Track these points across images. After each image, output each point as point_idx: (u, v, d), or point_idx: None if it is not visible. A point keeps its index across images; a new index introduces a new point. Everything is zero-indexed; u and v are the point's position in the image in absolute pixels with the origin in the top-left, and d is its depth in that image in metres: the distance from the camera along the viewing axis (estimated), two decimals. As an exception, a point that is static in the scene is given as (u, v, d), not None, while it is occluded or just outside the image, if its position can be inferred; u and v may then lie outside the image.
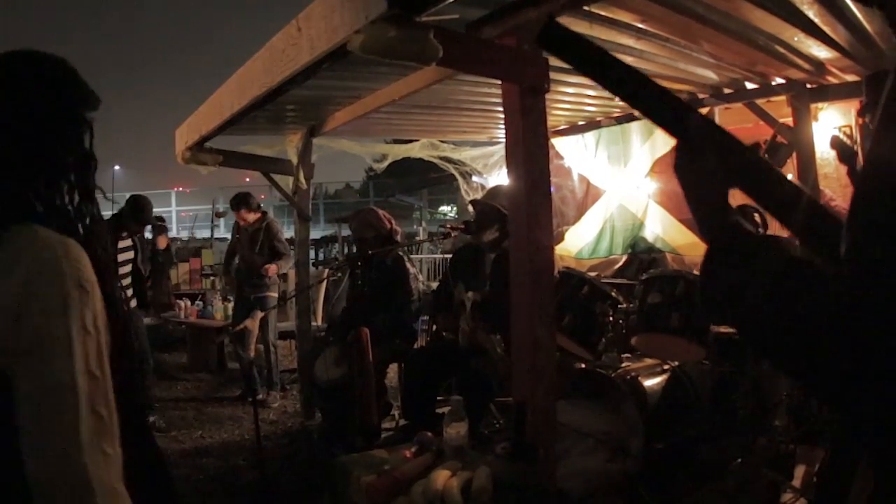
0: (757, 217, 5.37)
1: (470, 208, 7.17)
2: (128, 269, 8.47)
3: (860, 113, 5.66)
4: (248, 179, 32.65)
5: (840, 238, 1.32)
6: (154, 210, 9.27)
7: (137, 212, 8.38)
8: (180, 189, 41.46)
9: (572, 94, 7.40)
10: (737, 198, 1.47)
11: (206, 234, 26.28)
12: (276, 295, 9.97)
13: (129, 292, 8.34)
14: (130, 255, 8.51)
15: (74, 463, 1.58)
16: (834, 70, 6.47)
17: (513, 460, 3.96)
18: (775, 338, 1.26)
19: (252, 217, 9.87)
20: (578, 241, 10.30)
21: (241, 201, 9.83)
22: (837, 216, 1.46)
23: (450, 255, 9.33)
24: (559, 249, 10.13)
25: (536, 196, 4.31)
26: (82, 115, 2.00)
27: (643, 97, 1.55)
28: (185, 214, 38.07)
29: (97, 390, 1.67)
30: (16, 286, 1.62)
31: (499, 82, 4.68)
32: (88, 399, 1.63)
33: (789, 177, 1.62)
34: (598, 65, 1.58)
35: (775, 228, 1.62)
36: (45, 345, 1.62)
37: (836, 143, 5.50)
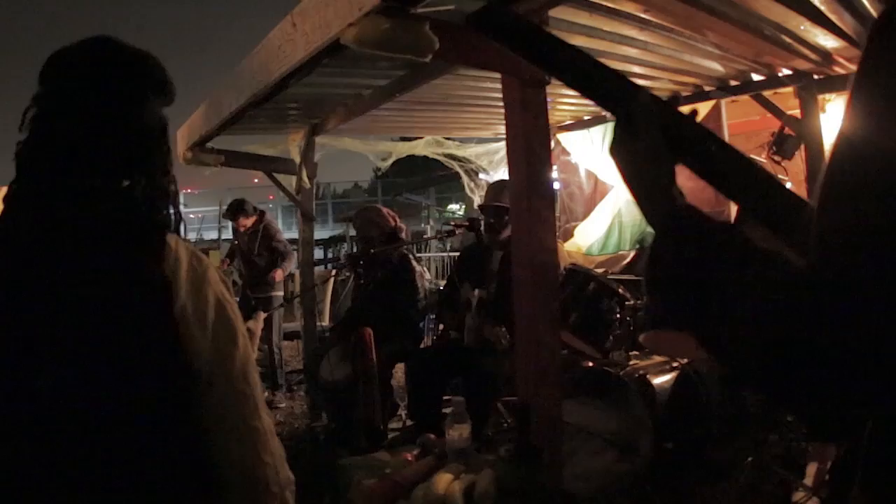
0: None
1: (476, 206, 7.13)
2: None
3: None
4: (256, 180, 32.73)
5: (800, 220, 1.23)
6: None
7: None
8: (188, 190, 41.58)
9: (576, 88, 7.33)
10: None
11: (213, 235, 26.35)
12: (280, 294, 9.96)
13: None
14: None
15: (262, 462, 1.86)
16: (841, 60, 6.40)
17: (517, 463, 3.89)
18: (733, 339, 1.13)
19: (250, 222, 9.88)
20: (587, 238, 10.27)
21: (237, 210, 9.94)
22: (797, 195, 1.38)
23: (457, 253, 9.30)
24: (568, 245, 10.14)
25: (538, 190, 4.24)
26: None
27: (584, 78, 1.48)
28: (192, 216, 38.18)
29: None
30: (198, 294, 1.79)
31: (499, 76, 4.61)
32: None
33: (789, 185, 1.54)
34: (534, 47, 1.54)
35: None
36: (235, 350, 1.84)
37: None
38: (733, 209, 1.47)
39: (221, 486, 1.82)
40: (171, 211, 1.95)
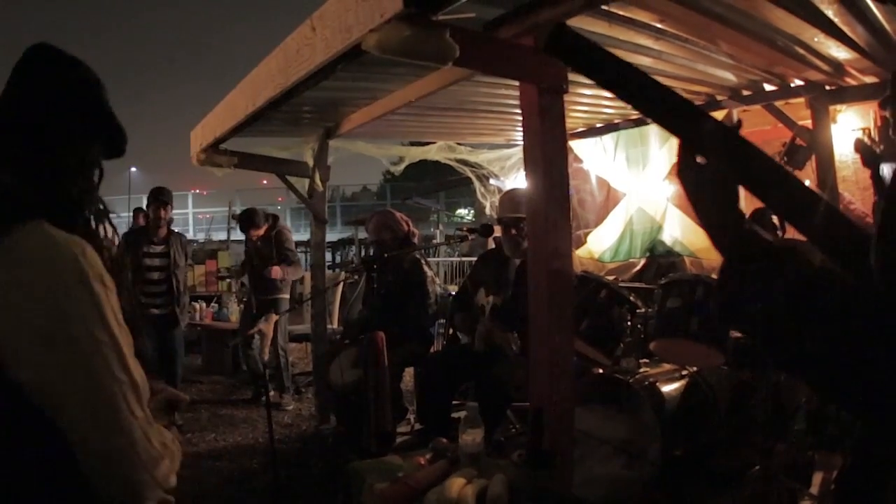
0: (774, 219, 5.32)
1: (488, 211, 7.14)
2: (156, 276, 8.55)
3: (881, 105, 5.60)
4: (265, 182, 32.84)
5: (860, 246, 1.27)
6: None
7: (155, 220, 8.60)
8: (197, 191, 41.63)
9: (590, 96, 7.35)
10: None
11: (222, 236, 26.38)
12: (287, 296, 9.97)
13: (159, 300, 8.58)
14: (158, 262, 8.60)
15: (132, 462, 1.72)
16: (853, 71, 6.41)
17: (529, 467, 3.91)
18: (796, 349, 1.22)
19: (262, 231, 9.91)
20: (600, 245, 10.31)
21: (248, 222, 9.95)
22: (856, 223, 1.41)
23: (467, 258, 9.32)
24: (581, 252, 10.17)
25: (555, 199, 4.26)
26: (98, 121, 2.03)
27: (656, 105, 1.51)
28: (201, 217, 38.19)
29: (133, 389, 1.76)
30: (40, 299, 1.64)
31: (516, 83, 4.65)
32: (132, 397, 1.75)
33: (807, 182, 1.56)
34: (609, 72, 1.54)
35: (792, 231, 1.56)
36: (92, 355, 1.69)
37: (859, 147, 5.43)
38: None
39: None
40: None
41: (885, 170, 5.73)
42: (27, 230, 1.68)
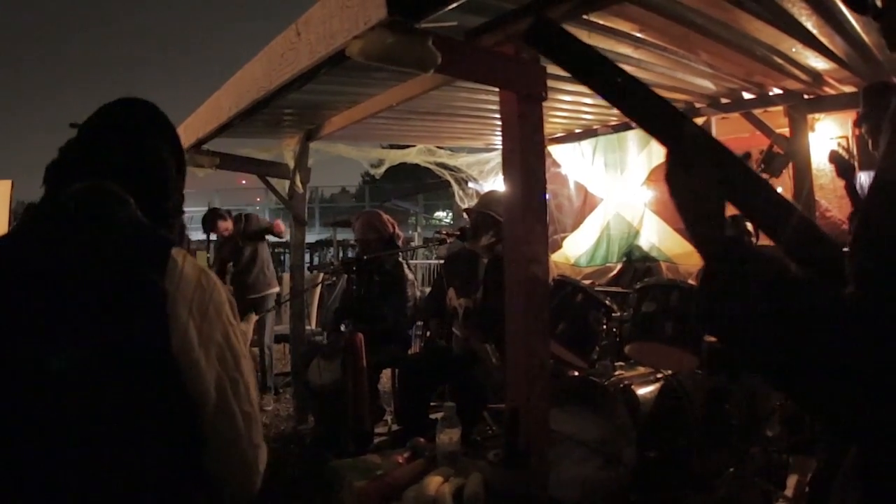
0: (749, 226, 5.38)
1: (465, 216, 7.18)
2: None
3: (856, 123, 5.67)
4: (243, 182, 32.71)
5: (832, 256, 1.33)
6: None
7: None
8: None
9: (569, 102, 7.40)
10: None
11: (201, 236, 26.23)
12: (275, 292, 9.98)
13: None
14: None
15: (258, 477, 2.10)
16: (831, 81, 6.48)
17: (505, 467, 3.96)
18: (773, 355, 1.25)
19: (229, 224, 9.96)
20: (576, 249, 10.35)
21: (213, 218, 10.01)
22: (828, 235, 1.46)
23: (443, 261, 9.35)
24: (557, 257, 10.20)
25: (532, 204, 4.31)
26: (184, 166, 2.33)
27: (637, 105, 1.53)
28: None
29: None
30: (204, 315, 1.90)
31: (496, 89, 4.68)
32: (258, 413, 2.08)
33: (779, 189, 1.60)
34: (591, 69, 1.56)
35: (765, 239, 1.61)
36: (239, 374, 1.99)
37: (834, 158, 5.51)
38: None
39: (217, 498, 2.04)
40: (177, 229, 2.21)
41: (864, 178, 5.80)
42: (181, 254, 1.93)
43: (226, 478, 2.02)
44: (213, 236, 10.26)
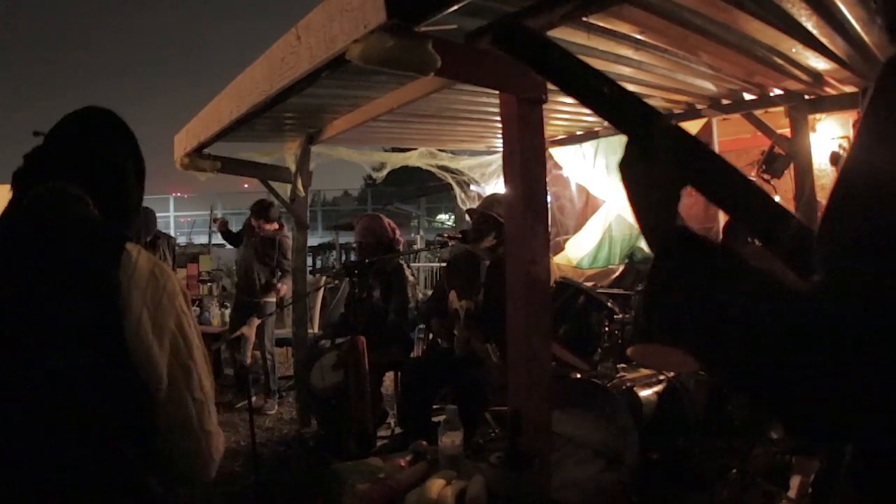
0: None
1: (467, 217, 7.18)
2: None
3: (857, 125, 5.66)
4: (246, 186, 32.60)
5: (805, 245, 1.30)
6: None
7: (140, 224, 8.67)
8: (178, 194, 41.38)
9: (570, 104, 7.40)
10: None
11: (203, 239, 26.25)
12: (273, 300, 9.95)
13: None
14: None
15: (212, 462, 2.20)
16: (832, 81, 6.48)
17: (508, 470, 3.97)
18: (731, 356, 1.18)
19: (270, 228, 9.87)
20: (578, 251, 10.33)
21: (262, 211, 9.85)
22: (804, 223, 1.44)
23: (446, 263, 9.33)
24: (559, 259, 10.18)
25: (533, 206, 4.32)
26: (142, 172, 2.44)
27: (605, 101, 1.50)
28: (183, 220, 37.97)
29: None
30: (157, 305, 2.01)
31: (497, 92, 4.68)
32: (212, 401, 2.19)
33: (777, 198, 1.58)
34: (558, 67, 1.53)
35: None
36: (192, 362, 2.09)
37: (835, 159, 5.50)
38: (721, 225, 1.55)
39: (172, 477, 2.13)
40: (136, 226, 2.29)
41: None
42: (135, 248, 2.04)
43: (179, 463, 2.10)
44: (216, 237, 10.22)
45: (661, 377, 5.62)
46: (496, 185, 10.10)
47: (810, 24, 4.91)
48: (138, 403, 1.94)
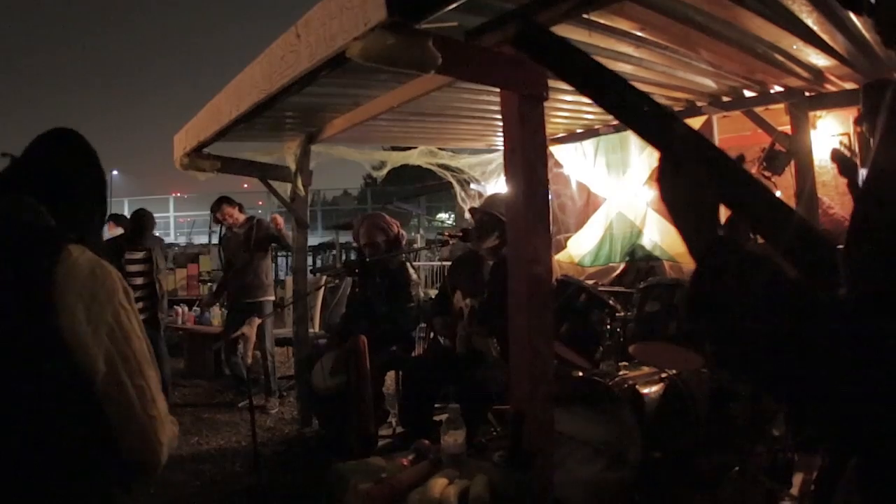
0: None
1: (468, 216, 7.17)
2: (139, 281, 8.62)
3: (857, 122, 5.65)
4: (245, 185, 32.66)
5: (825, 257, 1.30)
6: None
7: (137, 228, 8.70)
8: (178, 194, 41.42)
9: (571, 102, 7.40)
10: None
11: (203, 239, 26.27)
12: (272, 299, 9.94)
13: (141, 304, 8.37)
14: (140, 267, 8.70)
15: (159, 444, 2.31)
16: (832, 78, 6.47)
17: (510, 468, 3.96)
18: (765, 360, 1.22)
19: (240, 216, 9.89)
20: (580, 249, 10.33)
21: (221, 202, 9.91)
22: (825, 235, 1.44)
23: (448, 263, 9.31)
24: (561, 257, 10.18)
25: (534, 204, 4.30)
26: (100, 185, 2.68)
27: (627, 107, 1.50)
28: (182, 220, 38.03)
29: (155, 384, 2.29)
30: (93, 299, 2.13)
31: (497, 90, 4.67)
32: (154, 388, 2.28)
33: (778, 194, 1.57)
34: (580, 71, 1.53)
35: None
36: (130, 350, 2.20)
37: (836, 156, 5.48)
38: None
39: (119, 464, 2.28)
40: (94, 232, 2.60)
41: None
42: (78, 249, 2.19)
43: (129, 448, 2.24)
44: (215, 237, 10.20)
45: (664, 375, 5.61)
46: (497, 184, 10.10)
47: (811, 20, 4.91)
48: (74, 385, 2.08)
